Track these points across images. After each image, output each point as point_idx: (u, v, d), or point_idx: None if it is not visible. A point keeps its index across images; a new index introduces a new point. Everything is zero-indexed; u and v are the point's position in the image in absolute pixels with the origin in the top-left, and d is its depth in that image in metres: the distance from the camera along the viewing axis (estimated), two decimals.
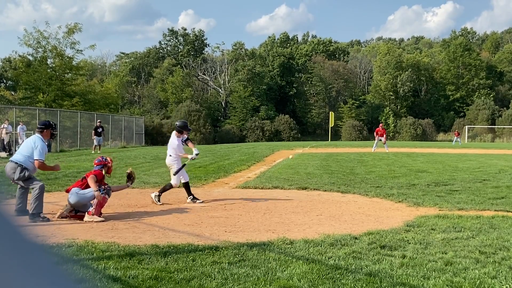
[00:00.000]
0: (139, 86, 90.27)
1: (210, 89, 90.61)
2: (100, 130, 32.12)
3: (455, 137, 56.63)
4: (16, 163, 9.09)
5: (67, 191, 9.25)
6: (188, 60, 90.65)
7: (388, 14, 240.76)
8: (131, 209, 10.12)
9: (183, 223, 8.66)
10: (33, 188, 9.06)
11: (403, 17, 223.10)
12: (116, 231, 7.97)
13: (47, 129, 9.59)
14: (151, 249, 6.52)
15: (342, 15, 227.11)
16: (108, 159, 9.81)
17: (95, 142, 32.03)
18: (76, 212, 9.05)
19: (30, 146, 9.26)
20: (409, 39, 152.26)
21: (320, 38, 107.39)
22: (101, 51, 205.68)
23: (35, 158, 9.11)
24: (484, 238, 7.38)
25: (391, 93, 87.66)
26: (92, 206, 8.88)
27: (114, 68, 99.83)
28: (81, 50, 55.76)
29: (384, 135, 35.08)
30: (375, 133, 35.69)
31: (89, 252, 6.35)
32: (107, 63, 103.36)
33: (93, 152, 30.42)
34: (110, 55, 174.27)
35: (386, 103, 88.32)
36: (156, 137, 58.80)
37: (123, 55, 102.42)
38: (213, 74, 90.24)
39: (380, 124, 36.45)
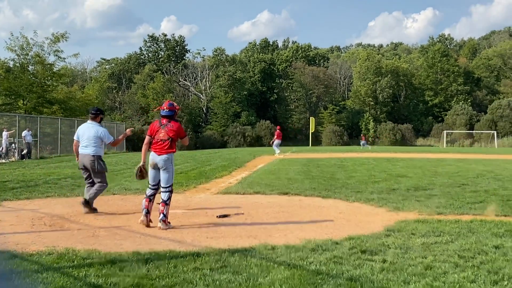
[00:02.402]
0: (120, 92, 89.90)
1: (191, 95, 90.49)
2: None
3: (362, 141, 57.45)
4: (93, 155, 10.39)
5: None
6: (169, 66, 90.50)
7: (369, 20, 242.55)
8: (112, 216, 10.07)
9: (164, 230, 8.64)
10: (100, 183, 10.50)
11: (384, 23, 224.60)
12: (97, 238, 7.94)
13: (100, 115, 10.92)
14: (132, 256, 6.50)
15: (324, 21, 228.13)
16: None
17: None
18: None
19: (96, 136, 10.48)
20: (388, 45, 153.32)
21: (299, 44, 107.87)
22: (82, 57, 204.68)
23: (108, 142, 10.75)
24: (463, 242, 7.46)
25: (371, 99, 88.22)
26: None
27: (95, 74, 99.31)
28: (64, 58, 55.45)
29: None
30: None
31: (70, 260, 6.32)
32: (88, 69, 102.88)
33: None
34: (91, 61, 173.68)
35: (366, 108, 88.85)
36: (137, 143, 58.52)
37: (104, 61, 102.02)
38: (194, 80, 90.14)
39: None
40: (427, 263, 6.27)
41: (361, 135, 63.98)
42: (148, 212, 8.94)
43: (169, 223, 8.88)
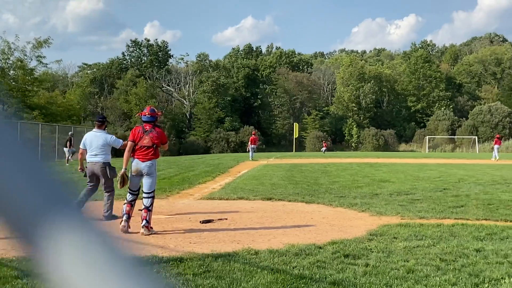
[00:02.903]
0: (102, 97, 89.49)
1: (174, 101, 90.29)
2: (71, 142, 31.96)
3: (323, 148, 57.98)
4: (104, 163, 10.52)
5: None
6: (152, 71, 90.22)
7: (353, 26, 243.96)
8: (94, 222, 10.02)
9: (147, 235, 8.62)
10: (109, 192, 10.57)
11: (367, 30, 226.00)
12: None
13: (105, 122, 10.99)
14: None
15: (308, 27, 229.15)
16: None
17: (67, 154, 31.78)
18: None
19: (105, 144, 10.61)
20: (371, 51, 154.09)
21: (283, 49, 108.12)
22: (64, 62, 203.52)
23: (119, 147, 10.78)
24: (445, 245, 7.53)
25: (354, 105, 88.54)
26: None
27: (76, 79, 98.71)
28: (47, 64, 55.19)
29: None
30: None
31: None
32: (69, 74, 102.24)
33: (67, 164, 30.15)
34: (73, 66, 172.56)
35: (349, 114, 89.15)
36: (119, 149, 58.28)
37: (85, 66, 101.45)
38: (177, 85, 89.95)
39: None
40: (409, 266, 6.32)
41: (323, 141, 64.21)
42: (129, 218, 8.93)
43: (152, 228, 8.89)
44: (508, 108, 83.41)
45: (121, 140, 11.03)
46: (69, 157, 31.61)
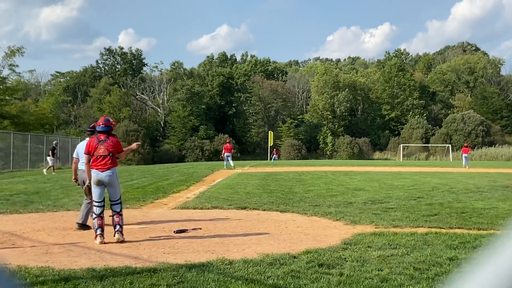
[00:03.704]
0: (75, 106, 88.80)
1: (148, 109, 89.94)
2: (56, 151, 31.64)
3: (274, 155, 58.06)
4: None
5: None
6: (126, 79, 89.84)
7: (328, 34, 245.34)
8: (66, 232, 9.90)
9: (120, 246, 8.53)
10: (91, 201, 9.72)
11: (342, 38, 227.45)
12: (50, 255, 7.79)
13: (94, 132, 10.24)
14: (87, 273, 6.40)
15: (283, 35, 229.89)
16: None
17: (50, 163, 31.48)
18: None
19: None
20: (345, 59, 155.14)
21: (258, 58, 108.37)
22: (36, 71, 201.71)
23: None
24: (418, 254, 7.55)
25: (329, 113, 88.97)
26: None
27: (49, 87, 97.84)
28: (19, 73, 54.66)
29: None
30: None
31: (22, 278, 6.17)
32: (42, 82, 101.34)
33: (53, 173, 29.81)
34: (45, 74, 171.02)
35: (324, 122, 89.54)
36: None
37: (58, 74, 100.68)
38: (152, 93, 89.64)
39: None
40: (383, 275, 6.32)
41: (274, 149, 64.29)
42: (103, 231, 8.92)
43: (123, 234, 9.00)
44: (480, 116, 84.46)
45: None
46: (53, 166, 31.31)
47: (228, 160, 36.50)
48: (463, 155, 43.28)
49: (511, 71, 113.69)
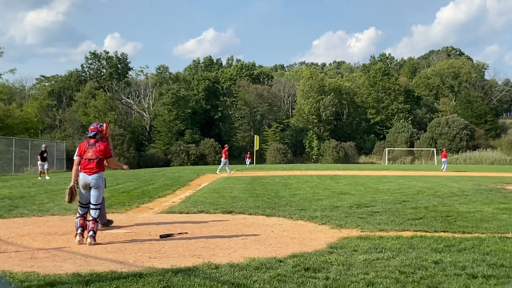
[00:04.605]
0: (60, 110, 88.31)
1: (134, 113, 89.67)
2: (45, 155, 31.32)
3: (247, 159, 58.01)
4: None
5: None
6: (111, 83, 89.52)
7: (313, 39, 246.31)
8: (51, 237, 9.83)
9: (106, 250, 8.49)
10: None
11: (328, 42, 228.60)
12: (35, 260, 7.73)
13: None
14: (72, 277, 6.35)
15: (269, 39, 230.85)
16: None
17: (39, 168, 31.23)
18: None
19: None
20: (331, 64, 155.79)
21: (243, 62, 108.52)
22: (21, 75, 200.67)
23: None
24: (404, 258, 7.58)
25: (314, 117, 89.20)
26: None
27: (34, 91, 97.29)
28: (1, 74, 54.28)
29: None
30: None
31: (7, 283, 6.13)
32: (27, 86, 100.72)
33: (39, 178, 29.56)
34: (30, 78, 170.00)
35: (309, 126, 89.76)
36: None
37: (43, 78, 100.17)
38: (137, 97, 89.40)
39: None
40: (369, 279, 6.34)
41: (247, 153, 64.24)
42: (83, 230, 9.20)
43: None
44: (465, 120, 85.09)
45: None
46: (42, 170, 30.98)
47: (224, 164, 36.55)
48: (442, 159, 44.51)
49: (495, 76, 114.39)
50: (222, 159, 36.72)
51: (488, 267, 7.06)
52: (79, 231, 9.16)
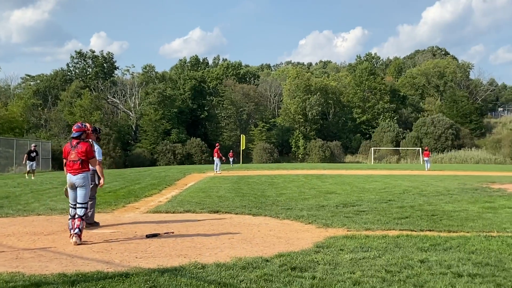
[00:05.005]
0: (45, 109, 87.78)
1: (120, 112, 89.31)
2: (33, 154, 31.08)
3: (230, 158, 57.57)
4: (92, 169, 10.39)
5: None
6: (97, 82, 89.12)
7: (300, 38, 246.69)
8: (37, 237, 9.78)
9: (92, 250, 8.45)
10: (91, 200, 10.45)
11: (315, 42, 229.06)
12: (21, 260, 7.68)
13: (92, 133, 10.82)
14: (58, 278, 6.32)
15: (255, 39, 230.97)
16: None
17: (27, 167, 30.99)
18: None
19: None
20: (317, 63, 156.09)
21: (230, 61, 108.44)
22: (6, 74, 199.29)
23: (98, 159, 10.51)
24: (390, 257, 7.61)
25: (301, 116, 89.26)
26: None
27: (19, 91, 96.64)
28: None
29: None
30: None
31: None
32: (12, 85, 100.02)
33: (27, 177, 29.36)
34: (15, 77, 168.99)
35: (295, 126, 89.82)
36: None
37: (28, 77, 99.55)
38: (123, 97, 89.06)
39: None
40: (356, 278, 6.36)
41: (230, 151, 64.02)
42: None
43: (81, 239, 9.21)
44: (450, 120, 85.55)
45: (101, 157, 11.08)
46: (30, 169, 30.75)
47: (216, 163, 36.52)
48: (424, 158, 45.03)
49: (479, 76, 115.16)
50: (215, 158, 36.62)
51: (473, 266, 7.11)
52: (72, 232, 9.23)
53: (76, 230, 9.09)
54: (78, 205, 9.37)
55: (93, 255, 8.10)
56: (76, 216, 9.28)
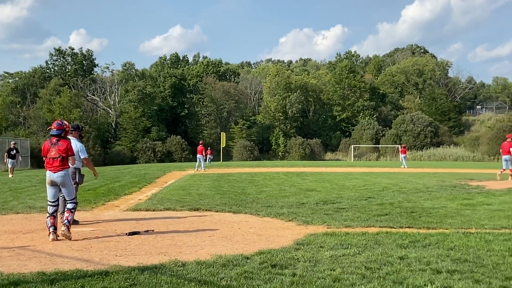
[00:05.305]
0: (24, 107, 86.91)
1: (99, 110, 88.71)
2: (13, 152, 30.76)
3: (208, 155, 57.32)
4: (74, 168, 10.58)
5: None
6: (76, 80, 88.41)
7: (280, 36, 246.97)
8: (15, 236, 9.70)
9: (71, 249, 8.40)
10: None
11: (295, 40, 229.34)
12: None
13: (75, 130, 11.30)
14: (37, 276, 6.28)
15: (236, 36, 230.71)
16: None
17: (8, 165, 30.68)
18: None
19: (76, 151, 10.73)
20: (297, 61, 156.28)
21: (210, 59, 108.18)
22: None
23: (83, 157, 11.11)
24: (370, 254, 7.66)
25: (281, 114, 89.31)
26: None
27: None
28: None
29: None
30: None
31: None
32: None
33: (10, 176, 29.04)
34: None
35: (276, 123, 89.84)
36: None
37: (7, 74, 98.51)
38: (103, 94, 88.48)
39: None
40: (336, 275, 6.39)
41: (208, 149, 63.72)
42: (55, 229, 9.29)
43: (70, 233, 9.36)
44: (429, 117, 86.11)
45: (86, 154, 11.50)
46: (11, 168, 30.47)
47: (199, 161, 36.38)
48: (401, 155, 45.28)
49: (458, 74, 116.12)
50: (200, 156, 36.45)
51: (452, 262, 7.18)
52: (51, 230, 9.25)
53: (65, 221, 9.30)
54: (67, 201, 9.63)
55: (73, 253, 8.06)
56: (66, 208, 9.59)
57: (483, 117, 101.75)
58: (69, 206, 9.59)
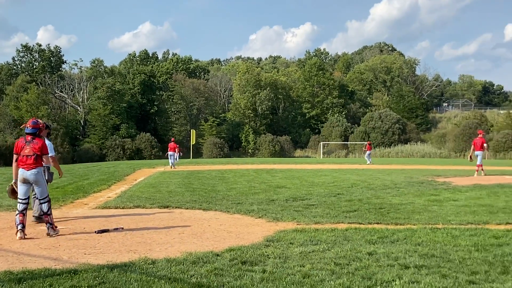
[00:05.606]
0: None
1: (68, 107, 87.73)
2: None
3: (176, 154, 57.16)
4: (44, 166, 10.12)
5: None
6: (44, 77, 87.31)
7: (250, 33, 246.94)
8: None
9: (39, 247, 8.32)
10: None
11: (265, 37, 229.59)
12: None
13: (45, 129, 11.03)
14: (4, 275, 6.21)
15: (206, 34, 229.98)
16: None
17: None
18: None
19: None
20: (267, 58, 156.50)
21: (180, 56, 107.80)
22: None
23: (50, 155, 10.58)
24: (339, 250, 7.73)
25: (251, 111, 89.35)
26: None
27: None
28: None
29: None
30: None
31: None
32: None
33: None
34: None
35: (246, 120, 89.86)
36: (10, 158, 55.73)
37: None
38: (71, 91, 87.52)
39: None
40: (305, 271, 6.44)
41: (177, 147, 63.47)
42: (23, 227, 9.23)
43: (56, 227, 9.65)
44: (397, 114, 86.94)
45: (54, 152, 11.59)
46: None
47: (171, 159, 36.28)
48: (367, 151, 45.44)
49: (425, 71, 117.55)
50: (171, 153, 36.38)
51: (419, 258, 7.28)
52: (19, 227, 9.19)
53: (48, 225, 9.44)
54: (40, 201, 9.63)
55: (41, 252, 7.98)
56: (42, 213, 9.66)
57: (450, 114, 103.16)
58: (44, 208, 9.56)
